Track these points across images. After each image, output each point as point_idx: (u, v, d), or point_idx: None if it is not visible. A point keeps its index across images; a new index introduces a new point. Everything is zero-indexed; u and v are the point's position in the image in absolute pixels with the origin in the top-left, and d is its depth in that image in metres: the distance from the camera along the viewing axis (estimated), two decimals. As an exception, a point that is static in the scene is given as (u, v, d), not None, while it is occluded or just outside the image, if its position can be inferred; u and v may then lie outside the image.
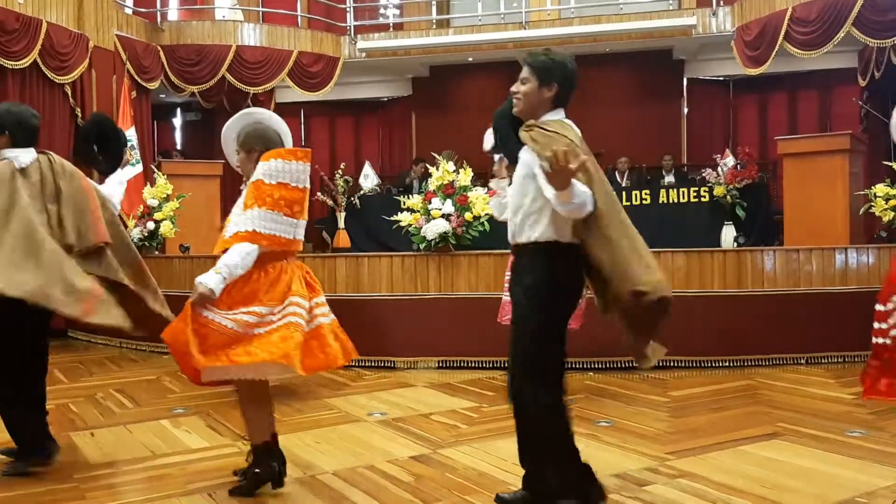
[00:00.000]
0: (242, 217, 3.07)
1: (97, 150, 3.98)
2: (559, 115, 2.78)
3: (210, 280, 2.96)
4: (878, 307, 2.71)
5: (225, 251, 3.05)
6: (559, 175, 2.41)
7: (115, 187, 3.90)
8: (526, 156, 2.73)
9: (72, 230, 3.40)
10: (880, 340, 2.70)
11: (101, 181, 3.94)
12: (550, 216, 2.69)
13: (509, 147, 2.85)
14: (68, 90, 8.25)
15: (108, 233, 3.49)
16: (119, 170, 3.98)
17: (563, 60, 2.77)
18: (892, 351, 2.66)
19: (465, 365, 6.00)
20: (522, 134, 2.74)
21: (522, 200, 2.76)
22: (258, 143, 3.23)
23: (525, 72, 2.77)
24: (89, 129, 4.07)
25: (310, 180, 3.26)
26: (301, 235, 3.22)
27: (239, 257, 3.00)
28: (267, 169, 3.10)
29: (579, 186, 2.50)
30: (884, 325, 2.69)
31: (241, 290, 3.05)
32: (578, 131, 2.75)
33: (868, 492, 3.07)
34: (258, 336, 3.02)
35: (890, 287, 2.72)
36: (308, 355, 3.09)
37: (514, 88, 2.79)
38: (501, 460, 3.58)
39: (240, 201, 3.16)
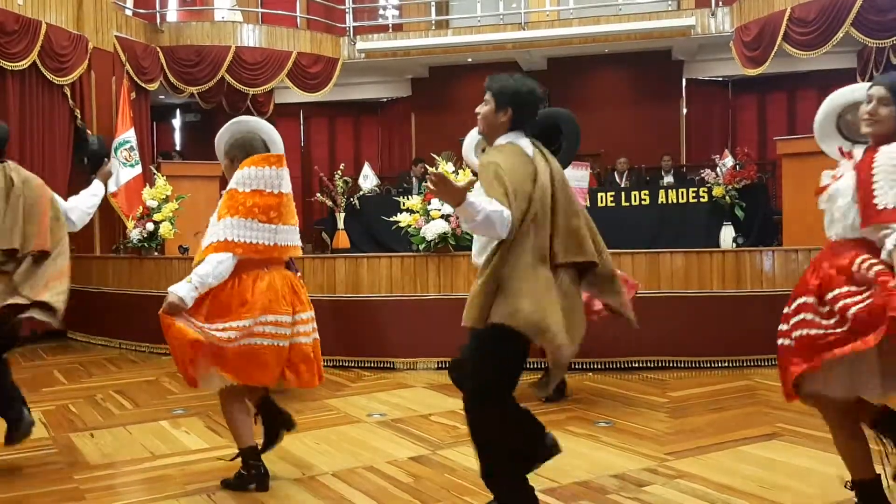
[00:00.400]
0: (216, 227, 3.09)
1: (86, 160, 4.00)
2: (513, 137, 2.74)
3: (181, 289, 2.98)
4: (786, 309, 2.72)
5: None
6: (440, 194, 2.45)
7: (86, 199, 3.87)
8: (478, 185, 2.72)
9: (17, 232, 3.39)
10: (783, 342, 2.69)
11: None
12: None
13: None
14: (67, 91, 8.23)
15: (49, 242, 3.46)
16: (96, 181, 3.93)
17: (519, 86, 2.73)
18: (791, 351, 2.66)
19: (465, 365, 5.99)
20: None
21: None
22: (240, 152, 3.27)
23: (486, 94, 2.77)
24: (80, 146, 4.10)
25: (296, 183, 3.29)
26: (287, 241, 3.22)
27: (210, 266, 3.02)
28: (240, 177, 3.14)
29: (483, 205, 2.46)
30: (784, 327, 2.70)
31: (215, 298, 3.06)
32: (529, 151, 2.71)
33: (867, 492, 3.06)
34: (231, 351, 3.05)
35: (797, 289, 2.72)
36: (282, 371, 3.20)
37: (477, 109, 2.80)
38: (501, 461, 3.57)
39: (215, 211, 3.18)
